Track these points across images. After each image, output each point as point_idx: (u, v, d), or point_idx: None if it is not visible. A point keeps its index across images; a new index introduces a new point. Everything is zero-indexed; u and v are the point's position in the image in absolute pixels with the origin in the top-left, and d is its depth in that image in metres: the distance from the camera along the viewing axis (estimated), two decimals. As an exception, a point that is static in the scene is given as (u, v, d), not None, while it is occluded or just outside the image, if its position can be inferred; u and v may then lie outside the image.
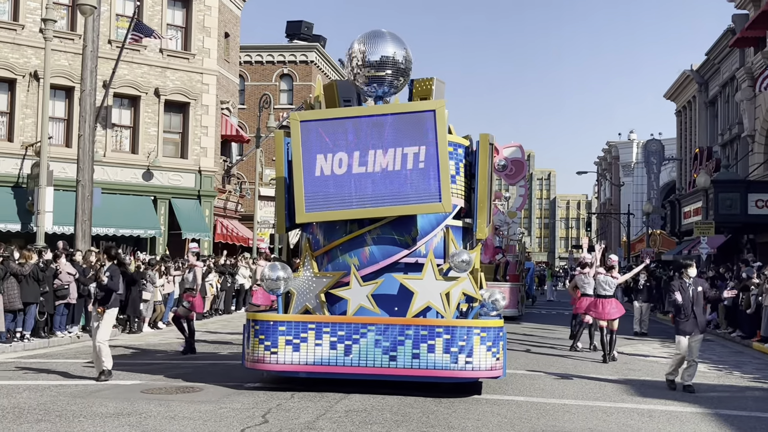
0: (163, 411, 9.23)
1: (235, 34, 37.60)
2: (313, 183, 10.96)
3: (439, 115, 10.93)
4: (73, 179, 22.11)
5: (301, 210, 10.96)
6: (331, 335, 10.58)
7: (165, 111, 30.37)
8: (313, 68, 50.58)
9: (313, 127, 11.14)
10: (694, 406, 10.58)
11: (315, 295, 10.95)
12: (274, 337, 10.66)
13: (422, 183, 10.84)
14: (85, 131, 20.60)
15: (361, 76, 11.77)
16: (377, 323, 10.56)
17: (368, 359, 10.49)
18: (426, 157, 10.86)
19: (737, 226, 30.10)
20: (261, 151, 38.14)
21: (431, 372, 10.45)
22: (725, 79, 38.64)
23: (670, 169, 56.31)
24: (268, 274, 10.77)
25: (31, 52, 26.68)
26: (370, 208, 10.93)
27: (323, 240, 11.48)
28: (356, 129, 11.06)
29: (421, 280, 10.77)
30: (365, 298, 10.73)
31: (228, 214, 36.36)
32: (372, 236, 11.21)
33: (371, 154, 10.97)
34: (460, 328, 10.51)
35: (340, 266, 11.18)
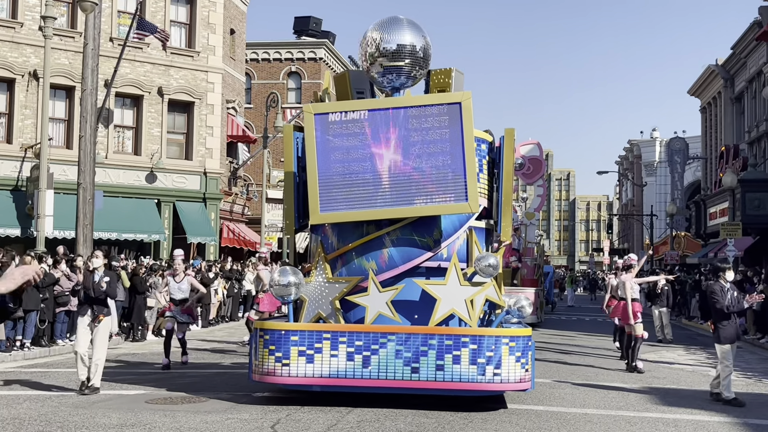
0: (169, 422, 9.24)
1: (241, 31, 37.70)
2: (329, 181, 10.46)
3: (465, 108, 10.45)
4: (74, 182, 22.20)
5: (316, 210, 10.48)
6: (348, 345, 10.10)
7: (168, 111, 30.47)
8: (322, 65, 50.64)
9: (329, 120, 10.61)
10: (721, 416, 10.52)
11: (329, 301, 10.50)
12: (285, 347, 10.17)
13: (447, 181, 10.37)
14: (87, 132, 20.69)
15: (376, 66, 11.29)
16: (398, 332, 10.10)
17: (388, 371, 10.02)
18: (451, 154, 10.38)
19: (766, 227, 29.93)
20: (268, 151, 38.22)
21: (456, 385, 10.01)
22: (752, 74, 38.45)
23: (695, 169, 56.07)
24: (278, 280, 10.42)
25: (31, 50, 26.82)
26: (391, 209, 10.45)
27: (336, 242, 11.04)
28: (375, 122, 10.56)
29: (444, 286, 10.35)
30: (385, 305, 10.30)
31: (234, 217, 36.44)
32: (391, 238, 10.77)
33: (392, 150, 10.48)
34: (488, 337, 10.08)
35: (356, 270, 10.75)
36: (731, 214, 31.33)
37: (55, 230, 22.30)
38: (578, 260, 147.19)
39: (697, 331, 26.27)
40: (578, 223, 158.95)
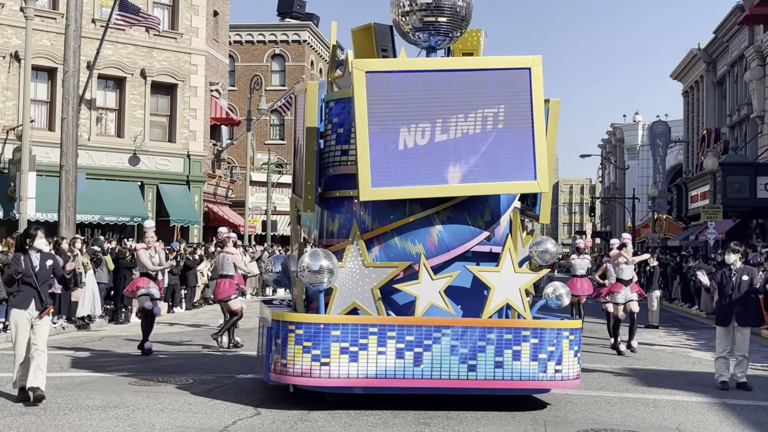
0: (152, 403, 9.25)
1: (225, 13, 37.47)
2: (383, 152, 9.03)
3: (534, 75, 9.25)
4: (56, 164, 22.04)
5: (366, 185, 8.92)
6: (397, 341, 8.83)
7: (152, 93, 30.30)
8: (306, 48, 50.45)
9: (383, 80, 9.12)
10: (699, 396, 10.63)
11: (369, 290, 9.08)
12: (325, 344, 8.79)
13: (513, 156, 9.20)
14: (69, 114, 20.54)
15: (409, 21, 9.90)
16: (454, 325, 8.95)
17: (442, 369, 8.88)
18: (518, 126, 9.22)
19: (746, 210, 30.18)
20: (252, 134, 38.08)
21: (517, 384, 9.09)
22: (734, 58, 38.62)
23: (677, 152, 56.37)
24: (309, 264, 8.87)
25: (12, 31, 26.55)
26: (452, 185, 9.17)
27: (371, 222, 9.57)
28: (434, 86, 9.21)
29: (498, 273, 9.23)
30: (438, 294, 9.03)
31: (218, 200, 36.37)
32: (441, 218, 9.48)
33: (453, 119, 9.14)
34: (549, 330, 9.18)
35: (398, 254, 9.38)
36: (712, 197, 31.55)
37: (38, 213, 22.16)
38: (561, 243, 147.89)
39: (679, 313, 26.51)
40: (561, 206, 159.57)
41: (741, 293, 11.31)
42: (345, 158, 9.77)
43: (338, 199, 9.94)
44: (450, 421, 8.61)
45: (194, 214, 30.91)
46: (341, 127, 9.85)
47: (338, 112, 9.92)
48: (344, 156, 9.78)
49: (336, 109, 9.97)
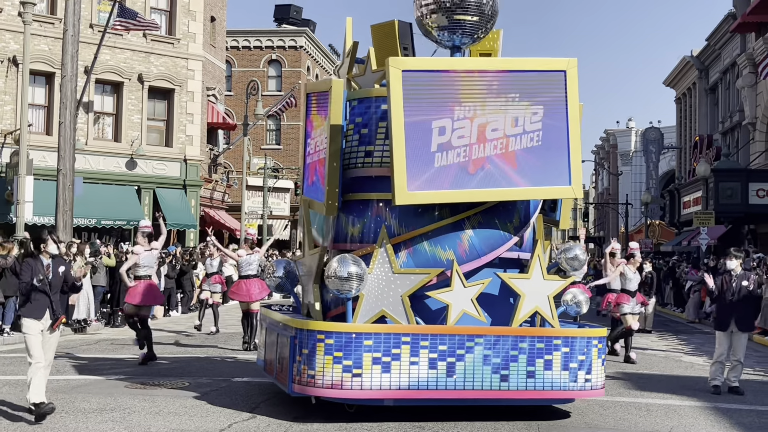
0: (148, 406, 9.23)
1: (222, 18, 37.48)
2: (418, 153, 8.61)
3: (570, 78, 8.96)
4: (53, 168, 21.99)
5: (402, 188, 8.51)
6: (430, 351, 8.46)
7: (149, 98, 30.26)
8: (303, 54, 50.49)
9: (420, 79, 8.71)
10: (692, 400, 10.65)
11: (398, 297, 8.68)
12: (357, 354, 8.35)
13: (547, 160, 8.89)
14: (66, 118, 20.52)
15: (435, 18, 9.58)
16: (486, 334, 8.63)
17: (475, 380, 8.55)
18: (553, 129, 8.91)
19: (738, 216, 30.23)
20: (248, 139, 38.07)
21: (548, 394, 8.85)
22: (726, 66, 38.73)
23: (670, 158, 56.51)
24: (337, 270, 8.42)
25: (10, 36, 26.54)
26: (488, 190, 8.80)
27: (397, 227, 9.13)
28: (469, 87, 8.80)
29: (528, 280, 8.97)
30: (469, 302, 8.73)
31: (215, 204, 36.34)
32: (472, 224, 9.09)
33: (488, 121, 8.79)
34: (580, 339, 8.95)
35: (427, 260, 8.95)
36: (704, 203, 31.61)
37: (35, 216, 22.10)
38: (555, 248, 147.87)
39: (671, 318, 26.53)
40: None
41: (741, 298, 11.29)
42: (369, 159, 9.39)
43: (360, 202, 9.45)
44: (444, 424, 8.61)
45: (191, 218, 30.87)
46: (365, 127, 9.47)
47: (362, 112, 9.53)
48: (368, 157, 9.40)
49: (359, 108, 9.55)
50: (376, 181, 9.27)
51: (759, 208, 27.90)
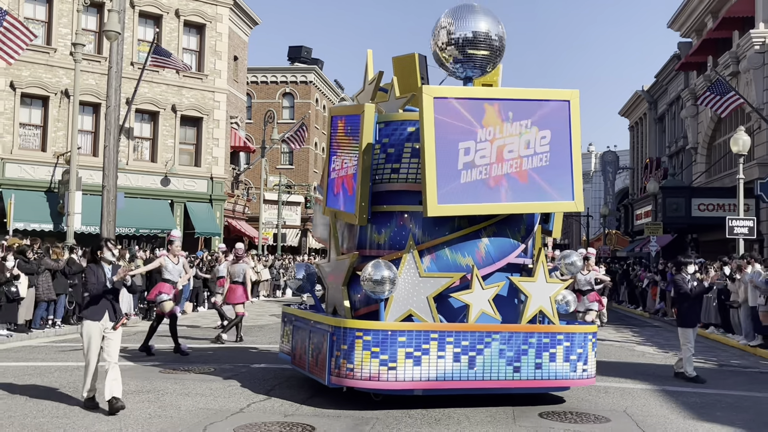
0: (179, 388, 9.20)
1: (243, 57, 37.54)
2: (446, 171, 8.48)
3: (573, 107, 8.99)
4: (99, 185, 21.98)
5: (433, 201, 8.40)
6: (455, 346, 8.37)
7: (181, 124, 30.27)
8: (312, 88, 50.57)
9: (449, 106, 8.60)
10: (644, 384, 10.63)
11: (424, 298, 8.55)
12: (392, 349, 8.18)
13: (554, 178, 8.84)
14: (110, 142, 20.50)
15: (448, 54, 9.45)
16: (502, 331, 8.55)
17: (492, 371, 8.47)
18: (558, 151, 8.86)
19: (682, 226, 30.29)
20: (266, 160, 38.06)
21: (552, 383, 8.81)
22: (672, 99, 38.87)
23: (624, 177, 56.60)
24: (372, 274, 8.22)
25: (63, 72, 26.55)
26: (505, 203, 8.72)
27: (421, 235, 9.00)
28: (489, 113, 8.71)
29: (534, 283, 8.90)
30: (487, 302, 8.65)
31: (236, 215, 36.29)
32: (488, 233, 9.00)
33: (505, 143, 8.71)
34: (579, 334, 8.93)
35: (448, 266, 8.82)
36: (654, 215, 31.66)
37: (83, 226, 22.07)
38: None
39: (625, 314, 26.52)
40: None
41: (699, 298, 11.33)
42: (395, 176, 9.18)
43: (386, 213, 9.23)
44: (429, 412, 8.58)
45: (216, 228, 30.83)
46: (392, 147, 9.24)
47: (389, 133, 9.29)
48: (394, 174, 9.19)
49: (386, 130, 9.30)
50: (400, 195, 9.16)
51: (700, 220, 27.93)
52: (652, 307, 24.58)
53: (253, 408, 8.23)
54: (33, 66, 26.07)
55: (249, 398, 8.72)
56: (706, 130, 31.36)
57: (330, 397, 8.75)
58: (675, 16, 35.15)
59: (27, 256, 14.29)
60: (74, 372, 10.32)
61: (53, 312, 15.56)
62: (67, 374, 10.12)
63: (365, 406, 8.34)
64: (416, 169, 8.99)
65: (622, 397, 9.52)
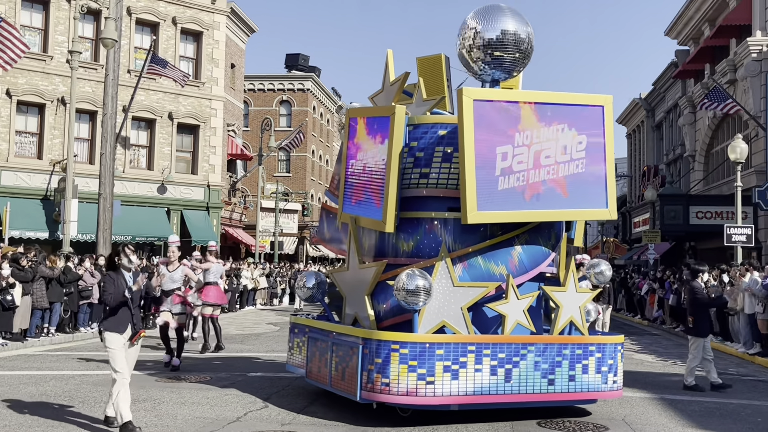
0: (175, 397, 9.18)
1: (240, 65, 37.59)
2: (484, 176, 8.15)
3: (607, 112, 8.71)
4: (95, 192, 22.00)
5: (473, 207, 8.06)
6: (491, 358, 8.02)
7: (177, 132, 30.27)
8: (309, 95, 50.64)
9: (488, 109, 8.23)
10: (642, 392, 10.61)
11: (458, 309, 8.16)
12: (430, 363, 7.80)
13: (589, 185, 8.57)
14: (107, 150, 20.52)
15: (475, 55, 9.03)
16: (537, 342, 8.24)
17: (528, 384, 8.15)
18: (592, 157, 8.59)
19: (680, 234, 30.30)
20: (263, 167, 38.07)
21: (585, 395, 8.51)
22: (669, 107, 38.97)
23: (622, 185, 56.67)
24: (405, 283, 7.82)
25: (59, 80, 26.56)
26: (541, 211, 8.42)
27: (452, 243, 8.63)
28: (525, 117, 8.39)
29: (565, 293, 8.60)
30: (522, 313, 8.32)
31: (233, 223, 36.26)
32: (521, 241, 8.68)
33: (542, 148, 8.41)
34: (610, 345, 8.66)
35: (482, 275, 8.45)
36: (652, 223, 31.69)
37: (79, 234, 22.05)
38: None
39: (624, 322, 26.51)
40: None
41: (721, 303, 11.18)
42: (424, 181, 8.76)
43: (413, 219, 8.80)
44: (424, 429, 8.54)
45: (213, 236, 30.74)
46: (421, 151, 8.73)
47: (417, 137, 8.74)
48: (423, 179, 8.76)
49: (414, 133, 8.75)
50: (427, 200, 8.78)
51: (698, 227, 27.95)
52: (650, 315, 24.57)
53: (250, 417, 8.20)
54: (29, 73, 26.09)
55: (246, 407, 8.69)
56: (704, 137, 31.44)
57: (328, 407, 8.73)
58: (672, 25, 35.28)
59: (21, 264, 14.25)
60: (69, 381, 10.29)
61: (48, 320, 15.52)
62: (63, 383, 10.08)
63: (363, 417, 8.31)
64: (447, 174, 8.63)
65: (620, 406, 9.50)
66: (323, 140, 54.95)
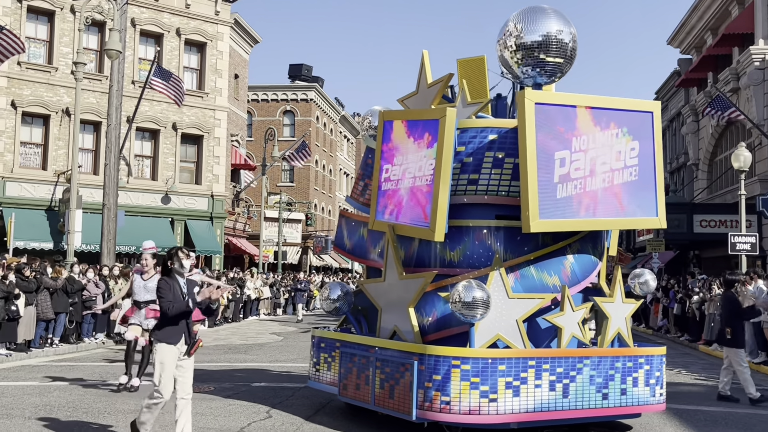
0: (179, 407, 9.14)
1: (244, 75, 37.74)
2: (546, 183, 7.83)
3: (656, 119, 8.50)
4: (99, 203, 22.06)
5: (535, 215, 7.70)
6: (550, 373, 7.67)
7: (181, 142, 30.37)
8: (313, 105, 50.79)
9: (547, 113, 7.91)
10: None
11: (514, 321, 7.79)
12: (493, 379, 7.41)
13: (641, 193, 8.33)
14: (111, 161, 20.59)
15: (516, 58, 8.57)
16: (592, 356, 7.94)
17: (584, 399, 7.84)
18: (644, 164, 8.37)
19: (684, 243, 30.27)
20: (266, 177, 38.14)
21: (636, 409, 8.25)
22: (672, 115, 38.98)
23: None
24: (462, 295, 7.37)
25: (64, 91, 26.68)
26: (599, 219, 8.16)
27: (503, 253, 8.24)
28: (581, 121, 8.10)
29: (613, 303, 8.32)
30: (576, 325, 7.99)
31: (237, 233, 36.30)
32: (573, 250, 8.37)
33: (598, 154, 8.14)
34: (656, 357, 8.41)
35: (535, 286, 8.12)
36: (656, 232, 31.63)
37: (83, 244, 22.09)
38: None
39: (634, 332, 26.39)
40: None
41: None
42: (472, 188, 8.35)
43: (459, 228, 8.35)
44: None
45: (216, 246, 30.83)
46: (469, 156, 8.30)
47: (465, 141, 8.31)
48: (471, 185, 8.34)
49: (463, 137, 8.30)
50: (474, 208, 8.40)
51: (702, 236, 27.91)
52: (654, 324, 24.51)
53: (254, 427, 8.18)
54: (34, 85, 26.22)
55: (249, 417, 8.68)
56: (707, 146, 31.42)
57: (332, 417, 8.72)
58: (675, 33, 35.34)
59: (24, 274, 14.28)
60: (73, 391, 10.29)
61: (52, 331, 15.53)
62: (67, 393, 10.08)
63: (369, 427, 8.29)
64: (498, 180, 8.26)
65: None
66: (327, 150, 55.05)
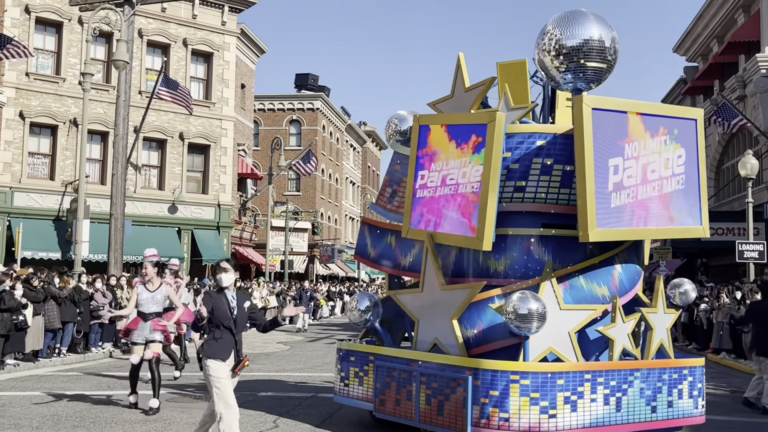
0: (186, 417, 9.17)
1: (250, 85, 37.88)
2: (601, 190, 7.64)
3: (699, 126, 8.36)
4: (107, 213, 22.12)
5: (593, 224, 7.50)
6: (604, 387, 7.51)
7: (188, 152, 30.48)
8: (319, 115, 50.91)
9: (602, 119, 7.72)
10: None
11: (566, 333, 7.56)
12: (552, 394, 7.22)
13: (687, 200, 8.22)
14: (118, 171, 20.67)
15: (555, 64, 8.14)
16: (642, 368, 7.81)
17: (634, 412, 7.70)
18: (690, 172, 8.25)
19: (692, 251, 30.17)
20: (273, 187, 38.21)
21: (681, 421, 8.10)
22: (679, 123, 38.87)
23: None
24: (517, 307, 7.16)
25: (71, 101, 26.84)
26: (651, 228, 8.01)
27: (551, 262, 8.03)
28: (632, 127, 7.92)
29: (656, 314, 8.17)
30: (626, 337, 7.83)
31: (243, 242, 36.37)
32: (620, 260, 8.21)
33: (650, 162, 7.99)
34: (698, 368, 8.27)
35: (584, 296, 7.90)
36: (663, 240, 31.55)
37: (90, 254, 22.20)
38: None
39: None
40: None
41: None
42: (519, 195, 8.14)
43: (506, 237, 8.16)
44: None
45: (223, 255, 30.84)
46: (516, 162, 8.05)
47: (512, 147, 8.05)
48: (517, 193, 8.13)
49: (509, 143, 8.02)
50: (520, 216, 8.22)
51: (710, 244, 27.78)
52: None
53: (261, 437, 8.19)
54: (42, 95, 26.38)
55: (256, 427, 8.68)
56: (714, 153, 31.36)
57: (339, 426, 8.71)
58: (680, 41, 35.33)
59: (32, 284, 14.34)
60: (80, 402, 10.30)
61: (60, 340, 15.57)
62: (74, 404, 10.10)
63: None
64: (546, 187, 8.07)
65: (633, 425, 9.40)
66: (333, 159, 55.14)
